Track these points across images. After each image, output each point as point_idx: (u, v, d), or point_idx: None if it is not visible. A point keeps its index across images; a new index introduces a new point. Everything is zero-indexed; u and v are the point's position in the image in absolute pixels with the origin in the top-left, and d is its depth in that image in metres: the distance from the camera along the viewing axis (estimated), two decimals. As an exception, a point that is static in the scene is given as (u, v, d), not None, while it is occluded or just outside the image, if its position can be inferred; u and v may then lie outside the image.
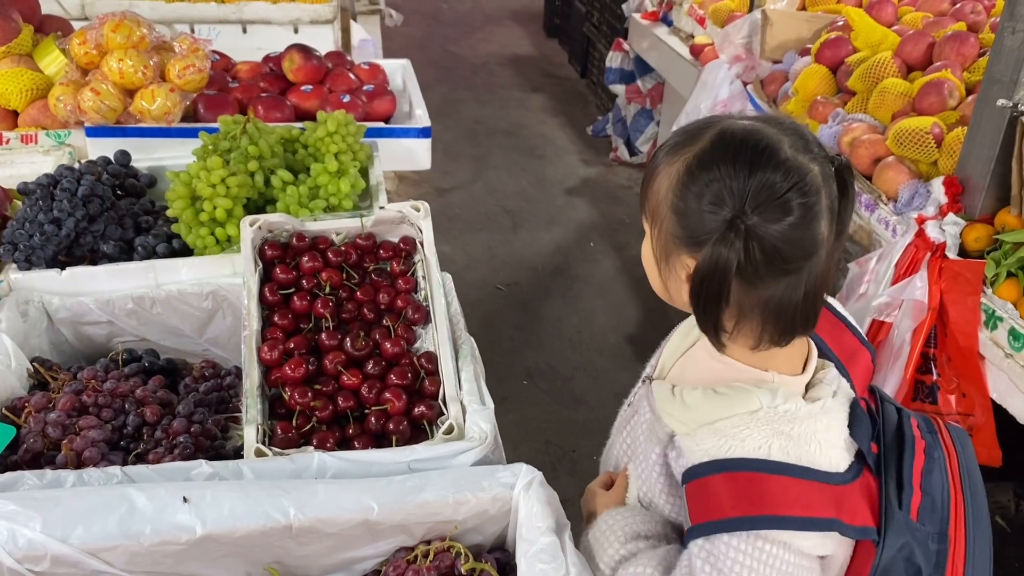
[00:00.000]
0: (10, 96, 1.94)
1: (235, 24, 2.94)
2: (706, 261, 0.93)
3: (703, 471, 0.97)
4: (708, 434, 0.97)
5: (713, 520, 0.95)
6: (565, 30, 7.18)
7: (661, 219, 0.97)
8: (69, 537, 0.98)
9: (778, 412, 0.97)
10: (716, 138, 0.94)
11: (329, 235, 1.43)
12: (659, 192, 0.97)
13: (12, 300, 1.39)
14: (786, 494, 0.94)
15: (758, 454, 0.95)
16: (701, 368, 1.07)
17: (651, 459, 1.06)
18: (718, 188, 0.92)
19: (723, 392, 1.00)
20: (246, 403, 1.22)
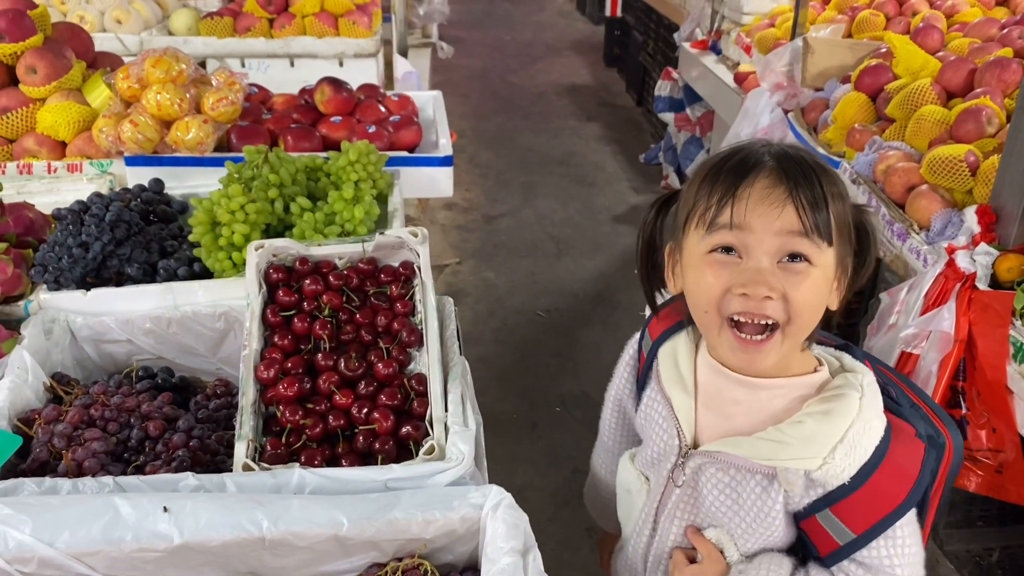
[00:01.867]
0: (59, 128, 2.06)
1: (283, 58, 3.07)
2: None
3: (854, 484, 0.99)
4: (845, 451, 0.99)
5: (880, 519, 0.99)
6: (623, 59, 7.22)
7: (850, 231, 1.00)
8: (56, 541, 1.03)
9: (868, 398, 1.01)
10: (802, 151, 1.01)
11: (332, 259, 1.48)
12: (846, 205, 0.99)
13: (38, 319, 1.48)
14: (904, 458, 1.00)
15: (877, 440, 1.00)
16: (752, 405, 1.06)
17: (773, 510, 1.05)
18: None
19: (827, 408, 1.01)
20: (240, 419, 1.28)
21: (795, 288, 0.95)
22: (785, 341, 0.98)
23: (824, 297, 0.99)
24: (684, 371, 1.12)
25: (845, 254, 1.00)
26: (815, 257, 0.96)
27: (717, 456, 1.07)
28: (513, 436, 2.89)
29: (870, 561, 1.02)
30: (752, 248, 0.96)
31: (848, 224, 1.00)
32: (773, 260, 0.96)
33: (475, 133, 5.96)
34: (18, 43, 2.07)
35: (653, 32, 5.74)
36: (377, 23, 3.15)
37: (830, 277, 0.99)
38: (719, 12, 4.21)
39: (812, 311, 0.98)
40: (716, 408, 1.09)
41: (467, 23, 9.72)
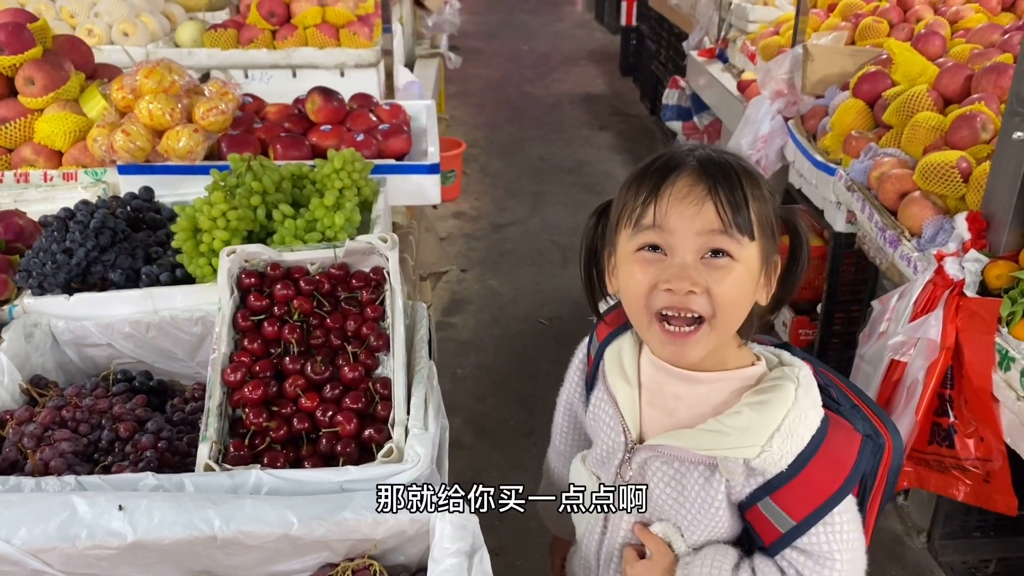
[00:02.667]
0: (55, 138, 2.11)
1: (285, 69, 3.11)
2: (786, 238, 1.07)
3: (791, 473, 1.02)
4: (782, 440, 1.01)
5: (818, 506, 1.02)
6: (638, 68, 7.24)
7: (772, 225, 1.02)
8: (12, 538, 1.05)
9: (803, 388, 1.05)
10: (727, 154, 1.04)
11: (304, 265, 1.50)
12: (767, 202, 1.02)
13: (19, 323, 1.52)
14: (840, 449, 1.04)
15: (813, 429, 1.03)
16: (692, 399, 1.08)
17: (716, 500, 1.07)
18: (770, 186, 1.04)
19: (763, 398, 1.04)
20: (205, 421, 1.30)
21: (718, 283, 0.98)
22: (712, 333, 1.01)
23: (749, 291, 1.02)
24: (628, 370, 1.15)
25: (770, 250, 1.03)
26: (737, 252, 0.98)
27: (661, 449, 1.10)
28: (510, 443, 2.89)
29: (810, 548, 1.04)
30: (675, 245, 0.99)
31: (771, 222, 1.03)
32: (696, 256, 0.99)
33: (488, 143, 5.99)
34: (17, 55, 2.12)
35: (665, 41, 5.74)
36: (378, 34, 3.18)
37: (754, 272, 1.01)
38: (726, 20, 4.21)
39: (736, 305, 1.01)
40: (659, 404, 1.12)
41: (485, 34, 9.79)
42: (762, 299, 1.05)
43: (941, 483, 2.01)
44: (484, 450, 2.83)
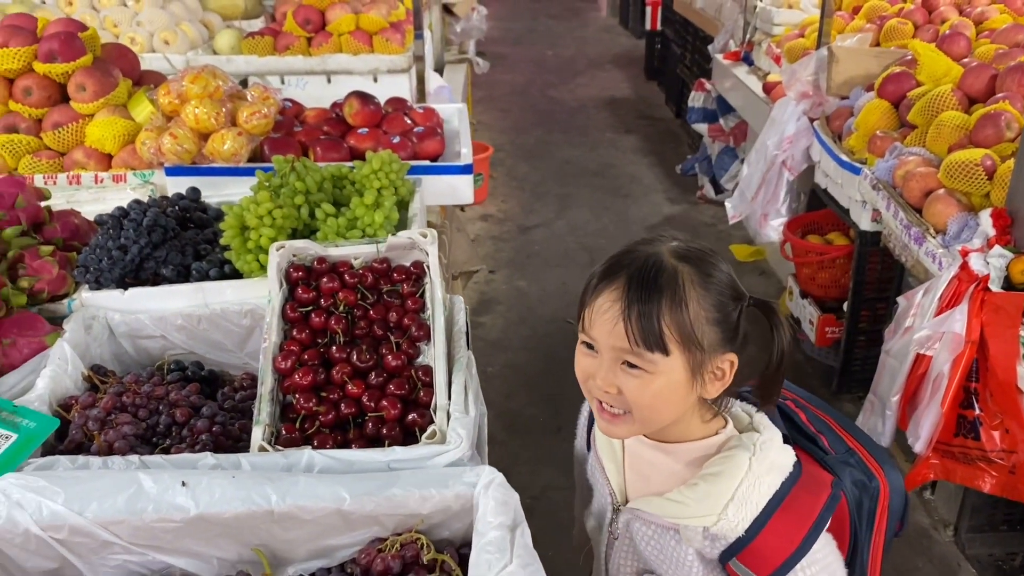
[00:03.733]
0: (105, 141, 2.21)
1: (321, 75, 3.20)
2: (741, 347, 1.10)
3: (750, 535, 1.10)
4: (736, 508, 1.11)
5: (780, 564, 1.09)
6: (663, 72, 7.28)
7: (699, 338, 1.07)
8: (85, 511, 1.13)
9: (760, 452, 1.14)
10: (687, 254, 1.10)
11: (349, 259, 1.58)
12: (692, 317, 1.06)
13: (79, 316, 1.60)
14: (804, 504, 1.11)
15: (771, 493, 1.11)
16: (662, 468, 1.20)
17: (688, 560, 1.17)
18: (727, 287, 1.10)
19: (717, 470, 1.14)
20: (258, 406, 1.37)
21: (629, 389, 1.08)
22: (636, 423, 1.11)
23: (667, 396, 1.08)
24: (614, 442, 1.26)
25: (703, 358, 1.08)
26: (649, 367, 1.06)
27: (637, 513, 1.21)
28: (540, 440, 2.95)
29: None
30: (599, 351, 1.10)
31: (704, 330, 1.06)
32: (615, 363, 1.08)
33: (514, 147, 6.06)
34: (69, 63, 2.22)
35: (690, 45, 5.78)
36: (410, 40, 3.26)
37: (677, 380, 1.08)
38: (751, 24, 4.25)
39: (651, 407, 1.09)
40: (638, 470, 1.24)
41: (510, 40, 9.87)
42: (708, 394, 1.12)
43: (967, 475, 2.04)
44: (514, 446, 2.89)
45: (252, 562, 1.21)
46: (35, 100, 2.23)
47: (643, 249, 1.10)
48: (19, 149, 2.21)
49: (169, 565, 1.20)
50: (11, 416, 1.30)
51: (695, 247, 1.12)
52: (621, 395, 1.09)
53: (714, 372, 1.11)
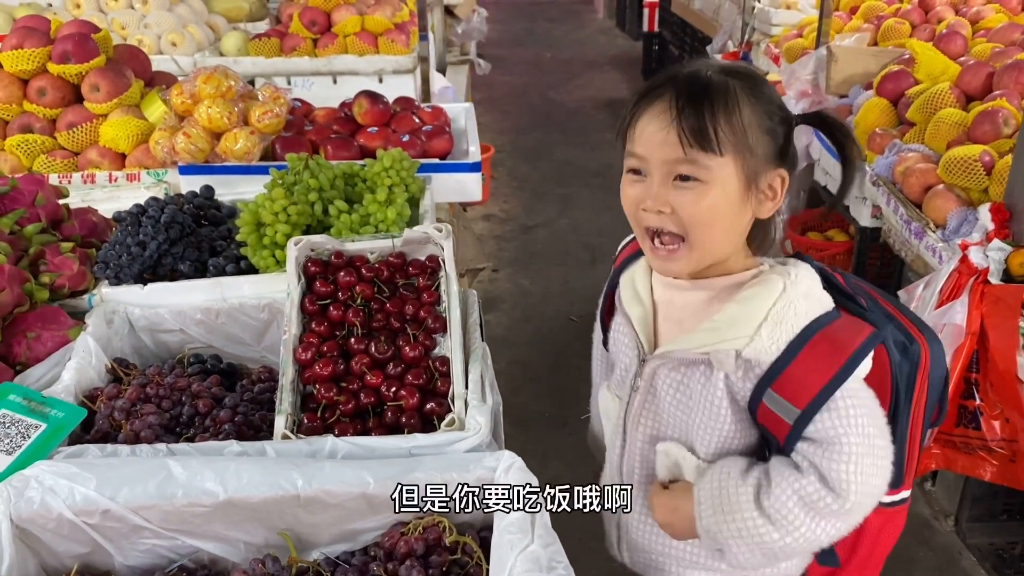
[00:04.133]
0: (119, 141, 2.24)
1: (327, 76, 3.24)
2: (789, 164, 1.10)
3: (787, 358, 1.06)
4: (770, 328, 1.07)
5: (819, 390, 1.04)
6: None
7: (752, 144, 1.05)
8: (116, 496, 1.16)
9: (793, 281, 1.10)
10: (734, 69, 1.09)
11: (365, 253, 1.61)
12: (746, 122, 1.04)
13: (100, 310, 1.63)
14: (844, 335, 1.06)
15: (808, 318, 1.08)
16: (698, 307, 1.16)
17: (717, 399, 1.12)
18: (775, 102, 1.08)
19: (750, 293, 1.11)
20: (280, 396, 1.40)
21: (684, 206, 1.06)
22: (692, 251, 1.09)
23: (724, 210, 1.07)
24: (640, 289, 1.23)
25: (758, 166, 1.07)
26: (705, 175, 1.05)
27: (666, 356, 1.17)
28: (545, 434, 2.99)
29: (818, 435, 1.06)
30: (648, 171, 1.08)
31: (758, 139, 1.06)
32: (666, 180, 1.07)
33: (514, 147, 6.10)
34: (83, 64, 2.25)
35: (688, 46, 5.83)
36: (414, 41, 3.30)
37: (732, 191, 1.06)
38: (749, 24, 4.30)
39: (707, 224, 1.07)
40: (671, 317, 1.20)
41: (509, 42, 9.91)
42: (761, 213, 1.11)
43: (968, 464, 2.08)
44: (521, 441, 2.91)
45: (278, 546, 1.24)
46: (49, 100, 2.27)
47: (687, 67, 1.09)
48: (34, 149, 2.25)
49: (197, 549, 1.23)
50: (40, 406, 1.33)
51: (745, 67, 1.12)
52: (675, 214, 1.06)
53: (765, 190, 1.09)
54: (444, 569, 1.19)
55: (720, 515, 1.13)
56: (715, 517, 1.14)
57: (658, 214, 1.08)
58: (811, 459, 1.07)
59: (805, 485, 1.08)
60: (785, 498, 1.09)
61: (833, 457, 1.06)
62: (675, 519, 1.21)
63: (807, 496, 1.08)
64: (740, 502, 1.11)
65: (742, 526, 1.11)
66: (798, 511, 1.08)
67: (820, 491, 1.07)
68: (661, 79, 1.09)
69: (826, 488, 1.07)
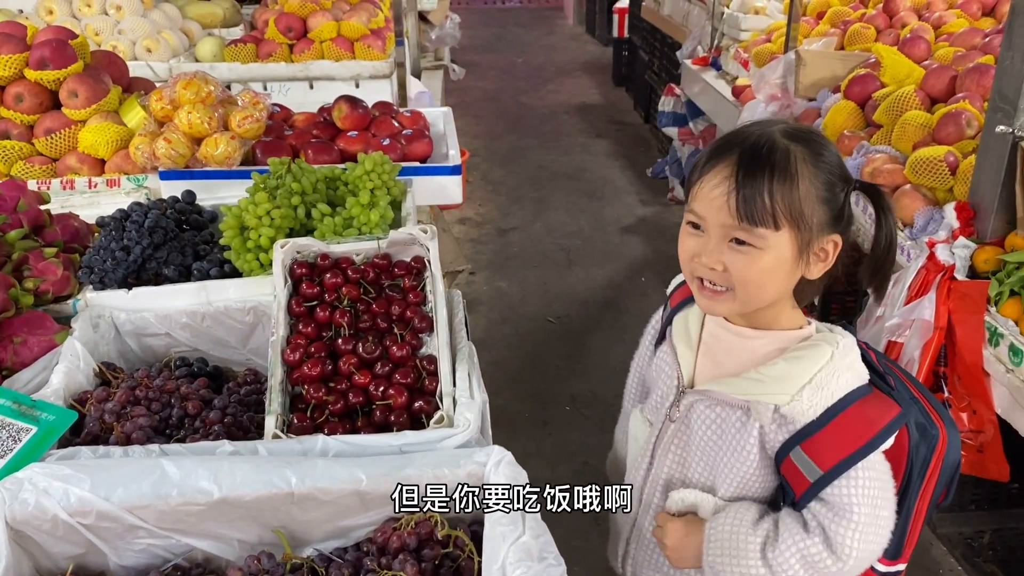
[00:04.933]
0: (98, 147, 2.24)
1: (303, 81, 3.25)
2: (844, 228, 1.15)
3: (821, 423, 1.13)
4: (812, 391, 1.13)
5: (844, 457, 1.11)
6: (631, 79, 7.40)
7: (808, 216, 1.10)
8: (111, 496, 1.17)
9: (841, 351, 1.15)
10: (798, 134, 1.14)
11: (351, 255, 1.63)
12: (803, 194, 1.09)
13: (86, 315, 1.64)
14: (875, 411, 1.14)
15: (847, 389, 1.14)
16: (741, 352, 1.22)
17: (749, 444, 1.19)
18: (836, 167, 1.13)
19: (800, 354, 1.16)
20: (269, 397, 1.42)
21: (734, 265, 1.12)
22: (736, 300, 1.15)
23: (773, 274, 1.12)
24: (692, 328, 1.30)
25: (811, 236, 1.11)
26: (758, 242, 1.10)
27: (707, 394, 1.23)
28: (526, 434, 3.02)
29: (832, 499, 1.14)
30: (707, 230, 1.14)
31: (814, 211, 1.10)
32: (722, 241, 1.13)
33: (488, 152, 6.14)
34: (61, 70, 2.25)
35: (658, 51, 5.90)
36: (391, 47, 3.32)
37: (785, 257, 1.12)
38: (719, 30, 4.37)
39: (756, 284, 1.13)
40: (712, 357, 1.26)
41: (480, 47, 9.96)
42: (811, 274, 1.16)
43: (938, 456, 2.14)
44: (501, 440, 2.92)
45: (272, 543, 1.26)
46: (26, 107, 2.26)
47: (754, 130, 1.14)
48: (11, 155, 2.24)
49: (192, 548, 1.25)
50: (30, 410, 1.34)
51: (805, 128, 1.16)
52: (726, 272, 1.12)
53: (818, 253, 1.14)
54: (436, 563, 1.21)
55: (727, 557, 1.21)
56: (721, 558, 1.21)
57: (711, 270, 1.14)
58: (820, 519, 1.15)
59: (809, 546, 1.15)
60: (789, 555, 1.16)
61: (841, 522, 1.13)
62: (684, 546, 1.28)
63: (809, 556, 1.15)
64: (748, 550, 1.19)
65: (745, 572, 1.19)
66: (799, 568, 1.16)
67: (822, 553, 1.15)
68: (729, 141, 1.14)
69: (828, 551, 1.15)
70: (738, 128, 1.17)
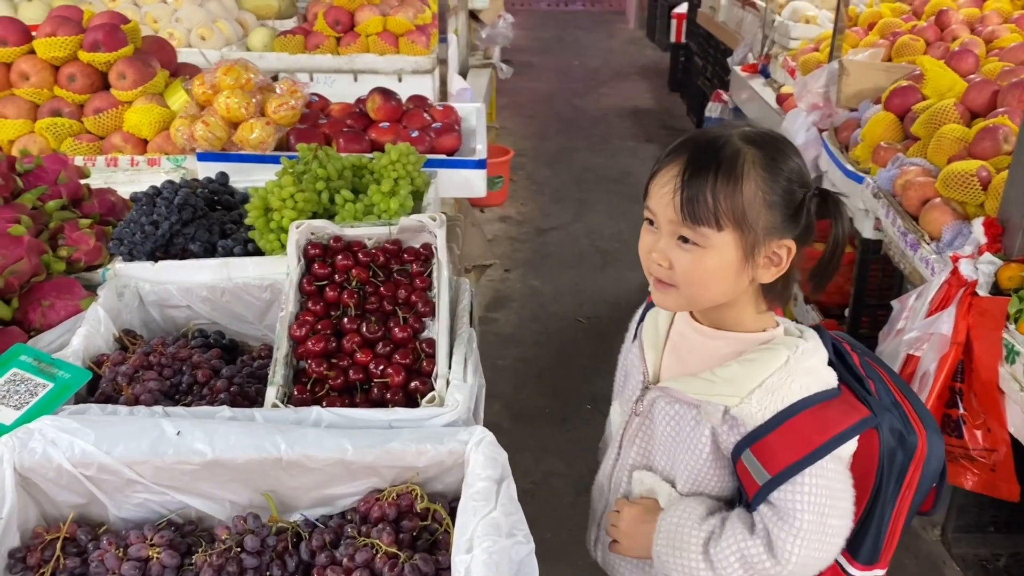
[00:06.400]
0: (142, 127, 2.34)
1: (348, 73, 3.34)
2: (801, 234, 1.14)
3: (770, 426, 1.13)
4: (762, 395, 1.14)
5: (791, 463, 1.12)
6: (685, 84, 7.37)
7: (752, 218, 1.10)
8: (112, 451, 1.24)
9: (798, 355, 1.16)
10: (756, 138, 1.14)
11: (363, 239, 1.69)
12: (748, 197, 1.10)
13: (112, 284, 1.73)
14: (833, 415, 1.14)
15: (803, 394, 1.14)
16: (703, 351, 1.24)
17: (701, 442, 1.21)
18: (793, 173, 1.14)
19: (754, 357, 1.17)
20: (273, 368, 1.49)
21: (679, 262, 1.14)
22: (681, 297, 1.17)
23: (718, 274, 1.13)
24: (660, 326, 1.33)
25: (756, 238, 1.11)
26: (702, 241, 1.11)
27: (666, 391, 1.26)
28: (546, 429, 3.05)
29: (778, 502, 1.14)
30: (658, 226, 1.17)
31: (760, 211, 1.11)
32: (671, 238, 1.15)
33: (535, 152, 6.18)
34: (112, 52, 2.36)
35: (712, 57, 5.88)
36: (434, 43, 3.38)
37: (730, 258, 1.12)
38: (769, 37, 4.34)
39: (700, 282, 1.14)
40: (677, 354, 1.28)
41: (538, 48, 10.01)
42: (763, 278, 1.16)
43: (951, 472, 2.11)
44: (520, 434, 3.00)
45: (261, 507, 1.31)
46: (78, 86, 2.38)
47: (714, 131, 1.16)
48: (62, 132, 2.36)
49: (185, 505, 1.31)
50: (48, 367, 1.42)
51: (769, 134, 1.16)
52: (672, 270, 1.14)
53: (770, 257, 1.14)
54: (415, 534, 1.26)
55: (671, 549, 1.23)
56: (667, 549, 1.24)
57: (659, 265, 1.17)
58: (766, 523, 1.16)
59: (750, 546, 1.17)
60: (729, 552, 1.18)
61: (784, 527, 1.14)
62: (637, 534, 1.31)
63: (749, 557, 1.17)
64: (690, 543, 1.21)
65: (686, 564, 1.21)
66: (737, 567, 1.18)
67: (762, 555, 1.16)
68: (686, 140, 1.17)
69: (768, 553, 1.15)
70: (702, 129, 1.19)
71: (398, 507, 1.26)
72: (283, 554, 1.25)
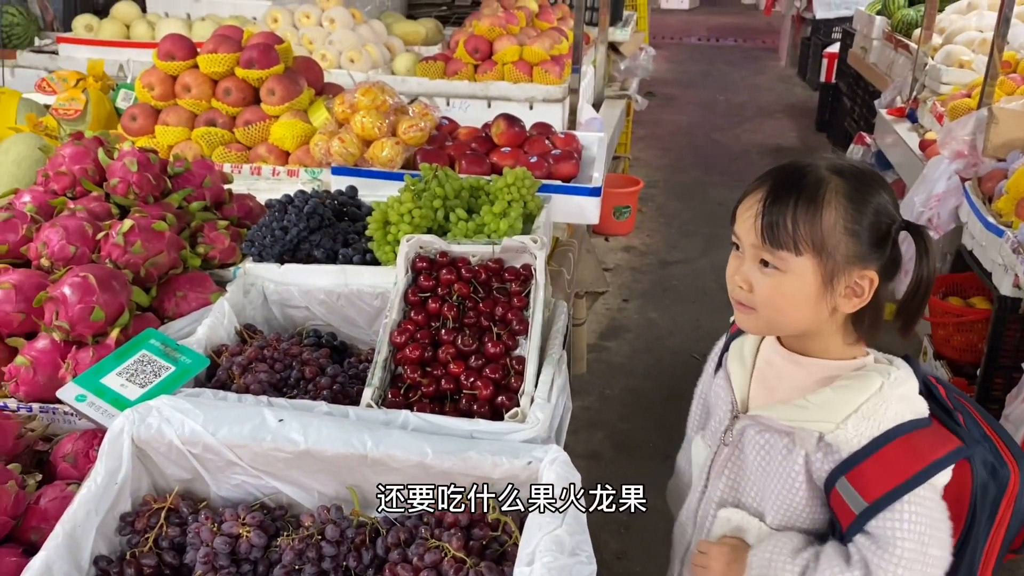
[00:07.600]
0: (285, 140, 2.53)
1: (483, 99, 3.46)
2: (885, 266, 1.16)
3: (866, 453, 1.13)
4: (857, 421, 1.15)
5: (890, 489, 1.12)
6: (832, 124, 7.15)
7: (832, 245, 1.13)
8: (217, 432, 1.35)
9: (892, 382, 1.17)
10: (843, 169, 1.17)
11: (468, 256, 1.76)
12: (828, 223, 1.13)
13: (240, 281, 1.87)
14: (927, 444, 1.14)
15: (897, 420, 1.15)
16: (792, 378, 1.25)
17: (793, 471, 1.22)
18: (878, 205, 1.15)
19: (847, 384, 1.18)
20: (372, 371, 1.57)
21: (759, 285, 1.17)
22: (760, 320, 1.19)
23: (796, 299, 1.15)
24: (747, 354, 1.33)
25: (838, 267, 1.13)
26: (782, 265, 1.14)
27: (756, 419, 1.26)
28: (648, 463, 3.04)
29: (877, 532, 1.12)
30: (743, 250, 1.20)
31: (840, 239, 1.13)
32: (753, 261, 1.17)
33: (668, 184, 6.15)
34: (264, 70, 2.56)
35: (860, 98, 5.69)
36: (567, 74, 3.46)
37: (808, 284, 1.14)
38: (920, 81, 4.17)
39: (774, 306, 1.16)
40: (764, 382, 1.29)
41: (683, 82, 9.96)
42: (845, 308, 1.17)
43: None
44: (621, 465, 2.99)
45: (345, 500, 1.39)
46: (233, 100, 2.59)
47: (802, 160, 1.19)
48: (215, 140, 2.57)
49: (278, 490, 1.41)
50: (173, 352, 1.56)
51: (858, 167, 1.18)
52: (752, 293, 1.17)
53: (851, 287, 1.15)
54: (484, 543, 1.30)
55: None
56: None
57: (739, 288, 1.20)
58: (864, 553, 1.14)
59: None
60: None
61: (884, 556, 1.12)
62: (729, 572, 1.29)
63: None
64: None
65: None
66: None
67: None
68: (774, 169, 1.21)
69: None
70: (794, 159, 1.20)
71: (471, 515, 1.31)
72: (360, 547, 1.32)
